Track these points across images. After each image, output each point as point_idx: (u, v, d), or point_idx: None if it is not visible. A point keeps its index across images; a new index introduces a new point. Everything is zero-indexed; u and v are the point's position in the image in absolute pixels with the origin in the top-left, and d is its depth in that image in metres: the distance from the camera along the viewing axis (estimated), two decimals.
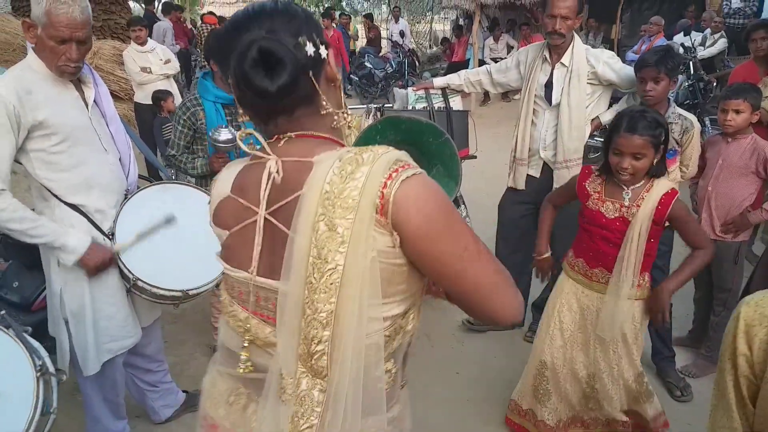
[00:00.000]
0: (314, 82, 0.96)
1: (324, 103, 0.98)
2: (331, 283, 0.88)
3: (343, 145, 1.03)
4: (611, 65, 2.81)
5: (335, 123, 1.02)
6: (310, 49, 0.94)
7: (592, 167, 2.23)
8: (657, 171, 2.05)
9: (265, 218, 0.97)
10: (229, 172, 1.08)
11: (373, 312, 0.92)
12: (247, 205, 1.00)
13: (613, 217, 2.09)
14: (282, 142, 0.99)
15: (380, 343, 0.95)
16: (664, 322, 2.17)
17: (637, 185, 2.06)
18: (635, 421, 2.32)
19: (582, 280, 2.24)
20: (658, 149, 1.99)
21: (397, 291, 0.95)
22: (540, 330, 2.37)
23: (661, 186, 2.04)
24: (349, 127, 1.05)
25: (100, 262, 1.98)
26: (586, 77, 2.81)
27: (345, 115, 1.03)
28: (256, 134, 0.98)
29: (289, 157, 0.96)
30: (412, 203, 0.88)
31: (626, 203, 2.06)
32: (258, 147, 0.98)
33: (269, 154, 0.96)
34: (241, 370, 1.02)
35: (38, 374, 1.62)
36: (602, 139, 6.58)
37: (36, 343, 1.73)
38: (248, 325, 1.01)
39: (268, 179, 0.95)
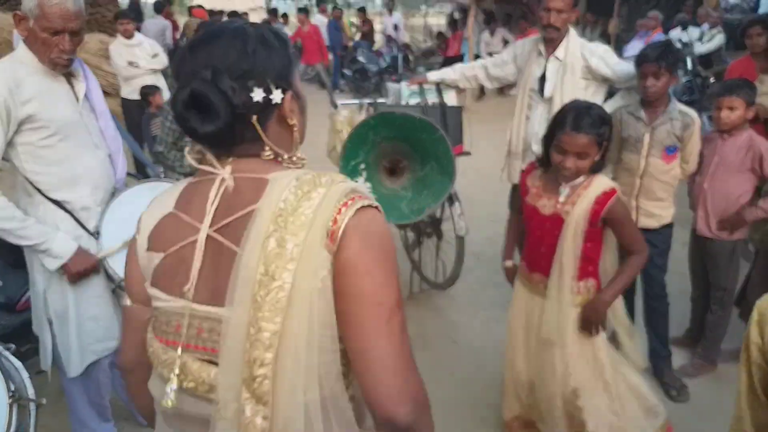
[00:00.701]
0: (258, 127, 0.92)
1: (266, 148, 0.95)
2: (277, 302, 0.84)
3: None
4: (606, 60, 2.80)
5: (283, 164, 0.98)
6: (257, 95, 0.91)
7: (535, 162, 2.14)
8: (597, 167, 1.94)
9: (210, 236, 0.92)
10: (164, 195, 1.03)
11: (325, 341, 0.88)
12: (190, 221, 0.95)
13: (547, 214, 1.98)
14: (229, 161, 0.96)
15: (338, 372, 0.91)
16: (595, 333, 2.02)
17: (576, 181, 1.95)
18: None
19: (526, 284, 2.16)
20: (601, 146, 1.89)
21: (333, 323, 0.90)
22: (507, 344, 2.33)
23: (599, 184, 1.92)
24: (300, 167, 0.99)
25: (82, 270, 1.96)
26: (580, 71, 2.80)
27: (295, 158, 0.99)
28: (204, 149, 0.96)
29: (241, 173, 0.94)
30: (358, 233, 0.87)
31: (561, 200, 1.95)
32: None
33: (217, 169, 0.94)
34: (163, 402, 0.94)
35: (10, 400, 1.58)
36: None
37: (17, 363, 1.68)
38: (181, 365, 0.94)
39: (217, 192, 0.93)
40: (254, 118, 0.92)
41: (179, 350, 0.95)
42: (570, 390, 2.04)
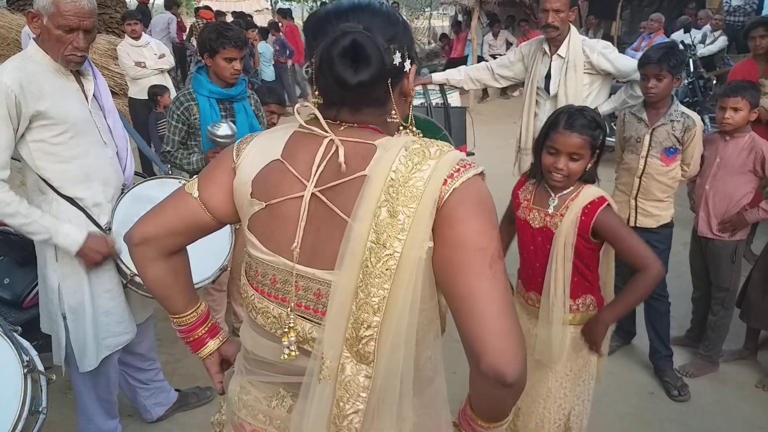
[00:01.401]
0: (390, 89, 0.96)
1: (393, 111, 0.99)
2: (387, 269, 0.87)
3: None
4: (606, 55, 2.90)
5: (396, 133, 1.02)
6: (397, 58, 0.96)
7: (527, 173, 2.03)
8: (588, 177, 1.85)
9: (314, 195, 0.95)
10: (270, 136, 1.04)
11: (427, 304, 0.92)
12: (296, 175, 0.96)
13: (538, 227, 1.88)
14: (343, 128, 0.98)
15: (432, 335, 0.98)
16: (594, 353, 1.91)
17: (566, 191, 1.85)
18: None
19: (524, 305, 2.02)
20: (594, 152, 1.81)
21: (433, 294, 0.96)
22: None
23: (587, 193, 1.81)
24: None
25: (99, 256, 1.96)
26: (583, 67, 2.90)
27: (407, 130, 1.02)
28: (314, 108, 0.98)
29: (349, 138, 0.96)
30: (458, 193, 0.89)
31: (550, 212, 1.85)
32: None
33: (327, 132, 0.96)
34: (286, 356, 0.99)
35: (25, 371, 1.60)
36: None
37: (25, 342, 1.70)
38: (282, 321, 1.00)
39: (326, 155, 0.94)
40: (389, 80, 0.96)
41: (275, 306, 1.00)
42: (565, 413, 1.95)
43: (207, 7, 10.99)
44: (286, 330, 0.99)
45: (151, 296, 2.12)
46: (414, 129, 1.02)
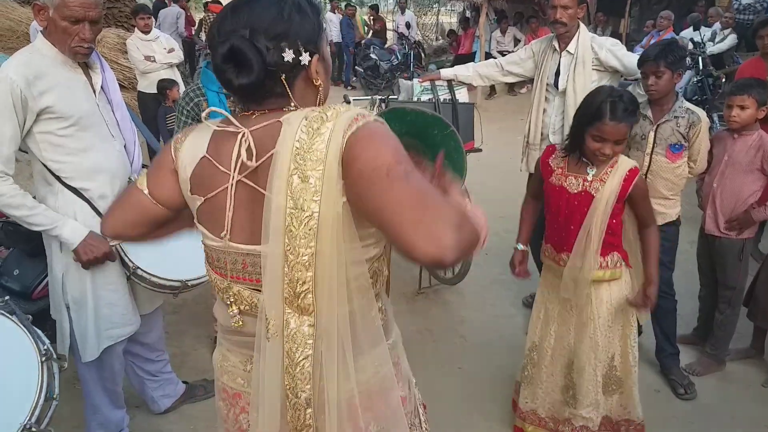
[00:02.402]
0: (285, 84, 1.02)
1: (292, 104, 1.04)
2: (310, 229, 0.96)
3: None
4: (614, 52, 2.93)
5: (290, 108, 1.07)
6: (288, 55, 1.01)
7: (557, 146, 2.23)
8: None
9: (241, 182, 1.04)
10: (195, 135, 1.13)
11: (352, 255, 1.01)
12: (223, 169, 1.06)
13: (576, 191, 2.06)
14: (255, 115, 1.06)
15: (367, 285, 1.06)
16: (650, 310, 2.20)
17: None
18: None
19: (554, 267, 2.22)
20: (632, 129, 2.03)
21: (368, 234, 1.04)
22: (531, 316, 2.41)
23: (625, 163, 2.04)
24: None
25: (93, 258, 1.97)
26: (591, 63, 2.94)
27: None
28: (219, 110, 1.08)
29: (258, 124, 1.04)
30: (352, 142, 0.96)
31: (589, 178, 2.04)
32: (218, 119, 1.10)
33: (238, 127, 1.04)
34: (233, 324, 1.12)
35: (43, 359, 1.63)
36: None
37: (39, 330, 1.73)
38: (231, 291, 1.11)
39: (241, 146, 1.03)
40: (283, 76, 1.02)
41: (229, 283, 1.11)
42: (609, 356, 2.19)
43: (217, 1, 11.01)
44: (228, 303, 1.12)
45: (154, 289, 2.14)
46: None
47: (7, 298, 1.73)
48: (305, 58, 1.02)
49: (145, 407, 2.57)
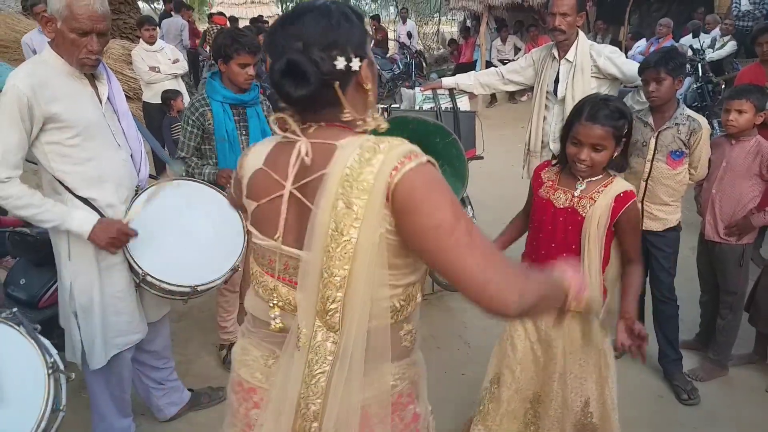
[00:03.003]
0: (339, 92, 1.06)
1: (345, 111, 1.08)
2: (345, 253, 1.02)
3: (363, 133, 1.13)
4: (612, 59, 2.95)
5: (358, 127, 1.12)
6: (340, 63, 1.04)
7: (551, 159, 2.10)
8: (617, 166, 1.91)
9: (292, 193, 1.10)
10: (260, 147, 1.21)
11: (380, 279, 1.06)
12: (277, 178, 1.12)
13: (562, 206, 1.91)
14: (312, 129, 1.11)
15: (396, 306, 1.11)
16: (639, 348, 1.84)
17: (594, 178, 1.90)
18: None
19: None
20: (619, 141, 1.84)
21: (404, 263, 1.09)
22: (497, 343, 2.22)
23: (621, 184, 1.88)
24: (373, 130, 1.14)
25: (110, 239, 1.98)
26: (590, 71, 2.96)
27: (369, 119, 1.13)
28: (288, 118, 1.11)
29: (316, 139, 1.09)
30: (407, 183, 1.00)
31: (577, 193, 1.90)
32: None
33: (299, 137, 1.09)
34: (272, 327, 1.16)
35: (50, 371, 1.64)
36: None
37: (46, 341, 1.74)
38: (276, 292, 1.17)
39: (297, 158, 1.08)
40: (337, 83, 1.05)
41: (272, 280, 1.17)
42: (582, 400, 1.99)
43: (221, 13, 11.10)
44: (271, 306, 1.17)
45: (164, 296, 2.16)
46: (376, 116, 1.14)
47: (15, 309, 1.73)
48: (356, 63, 1.06)
49: (150, 415, 2.58)
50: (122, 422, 2.33)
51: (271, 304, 1.17)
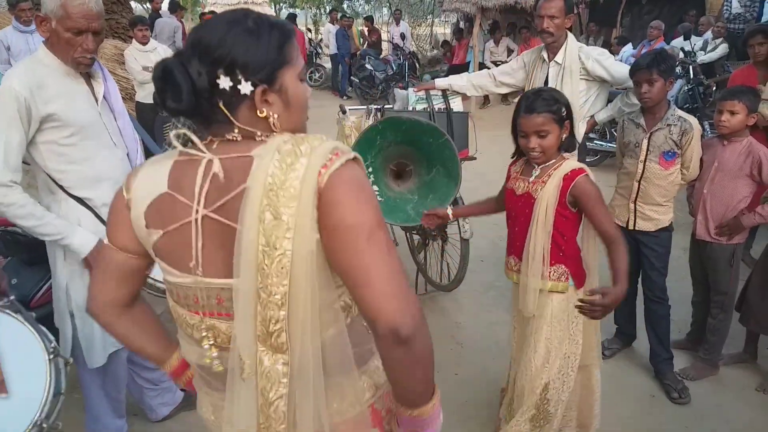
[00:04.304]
0: (225, 111, 0.97)
1: (235, 131, 0.99)
2: (282, 267, 0.93)
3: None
4: (600, 62, 2.93)
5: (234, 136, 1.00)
6: (224, 82, 0.95)
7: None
8: (568, 146, 2.04)
9: (207, 216, 0.98)
10: (154, 167, 1.06)
11: (325, 283, 0.98)
12: (185, 201, 1.00)
13: (520, 193, 2.07)
14: (216, 144, 1.01)
15: (347, 303, 1.04)
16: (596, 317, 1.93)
17: (548, 163, 2.03)
18: None
19: (508, 273, 2.22)
20: (562, 124, 1.96)
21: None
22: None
23: (569, 164, 2.00)
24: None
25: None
26: (579, 73, 2.95)
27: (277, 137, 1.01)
28: (189, 133, 0.99)
29: (226, 154, 0.99)
30: (333, 181, 0.93)
31: (531, 179, 2.04)
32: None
33: (203, 153, 0.98)
34: (215, 369, 1.06)
35: (50, 357, 1.67)
36: (601, 143, 6.60)
37: (44, 328, 1.77)
38: (213, 330, 1.05)
39: (206, 177, 0.98)
40: (221, 102, 0.96)
41: (202, 318, 1.05)
42: (542, 382, 2.08)
43: (213, 12, 11.05)
44: (207, 347, 1.06)
45: (158, 295, 2.15)
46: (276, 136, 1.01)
47: (12, 298, 1.75)
48: (245, 87, 0.95)
49: (143, 415, 2.57)
50: (116, 423, 2.32)
51: (207, 345, 1.06)
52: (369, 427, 1.12)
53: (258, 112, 0.98)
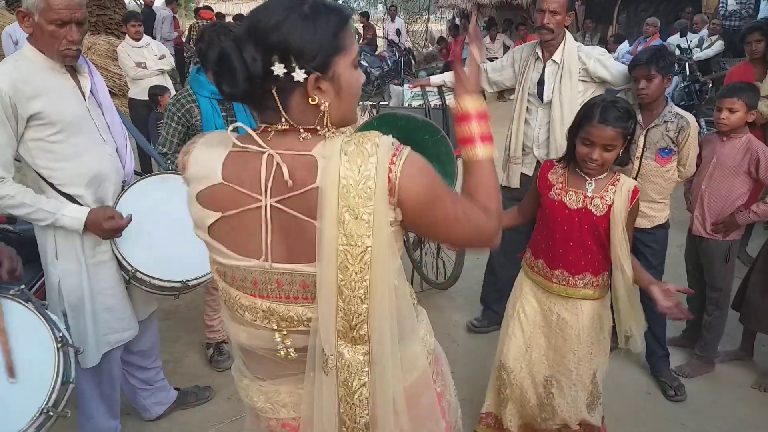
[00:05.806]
0: (277, 98, 0.98)
1: (283, 120, 1.00)
2: (365, 264, 0.99)
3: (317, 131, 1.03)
4: (603, 62, 2.83)
5: (302, 138, 1.02)
6: (278, 69, 0.95)
7: (554, 159, 2.16)
8: (622, 161, 2.00)
9: (273, 205, 1.02)
10: (208, 155, 1.06)
11: (395, 269, 1.05)
12: (246, 192, 1.02)
13: (575, 208, 2.00)
14: (270, 135, 1.02)
15: (407, 294, 1.13)
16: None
17: (601, 176, 2.00)
18: (585, 429, 2.22)
19: (542, 282, 2.15)
20: (626, 140, 1.94)
21: (399, 247, 1.08)
22: (501, 331, 2.32)
23: (629, 182, 2.00)
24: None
25: (108, 228, 1.95)
26: (578, 74, 2.82)
27: (317, 132, 1.03)
28: (244, 126, 1.04)
29: (284, 150, 1.01)
30: (409, 182, 0.99)
31: (589, 194, 1.99)
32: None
33: (262, 147, 1.01)
34: (283, 352, 1.10)
35: (59, 345, 1.67)
36: None
37: (54, 317, 1.76)
38: (271, 313, 1.08)
39: (269, 170, 1.00)
40: (274, 89, 0.97)
41: (259, 301, 1.08)
42: (591, 372, 2.13)
43: (207, 7, 11.00)
44: (275, 329, 1.09)
45: (154, 292, 2.13)
46: (332, 130, 1.03)
47: (22, 287, 1.74)
48: (299, 75, 0.95)
49: (136, 414, 2.55)
50: (110, 423, 2.30)
51: (279, 338, 1.09)
52: (431, 386, 1.20)
53: (309, 99, 0.99)
